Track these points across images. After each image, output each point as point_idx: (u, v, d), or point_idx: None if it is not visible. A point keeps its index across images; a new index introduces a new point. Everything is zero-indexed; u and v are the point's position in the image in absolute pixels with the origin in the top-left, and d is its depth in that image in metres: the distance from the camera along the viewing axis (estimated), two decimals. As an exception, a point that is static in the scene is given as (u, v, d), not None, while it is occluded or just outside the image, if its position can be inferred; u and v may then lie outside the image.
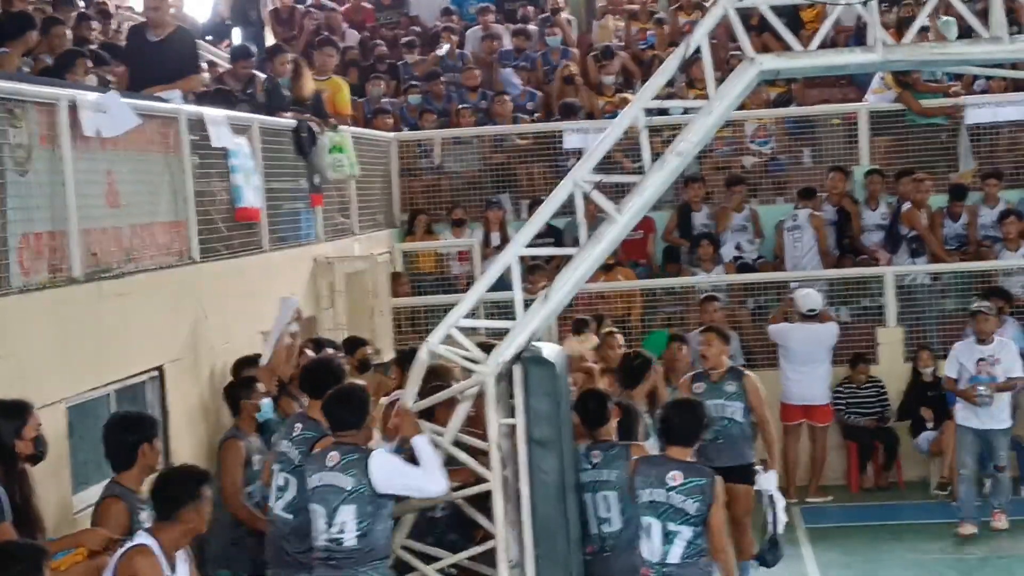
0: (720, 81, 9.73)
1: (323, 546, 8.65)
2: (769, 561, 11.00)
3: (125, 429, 8.17)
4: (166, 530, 7.27)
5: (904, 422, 15.90)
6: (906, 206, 17.07)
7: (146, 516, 7.98)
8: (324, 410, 9.05)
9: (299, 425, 9.46)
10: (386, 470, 8.60)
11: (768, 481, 10.78)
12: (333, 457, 8.66)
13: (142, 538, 7.27)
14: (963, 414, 14.13)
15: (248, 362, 10.70)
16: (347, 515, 8.56)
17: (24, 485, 7.38)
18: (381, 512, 8.62)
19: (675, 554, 8.71)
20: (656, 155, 9.69)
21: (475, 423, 9.77)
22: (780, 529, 10.87)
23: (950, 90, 18.21)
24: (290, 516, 9.26)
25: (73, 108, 9.07)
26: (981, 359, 14.02)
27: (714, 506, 8.71)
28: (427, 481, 8.80)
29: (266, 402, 10.18)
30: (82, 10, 16.15)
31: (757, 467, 11.30)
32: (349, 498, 8.55)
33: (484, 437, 9.51)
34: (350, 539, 8.56)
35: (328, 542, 8.62)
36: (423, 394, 9.58)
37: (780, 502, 10.81)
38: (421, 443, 8.88)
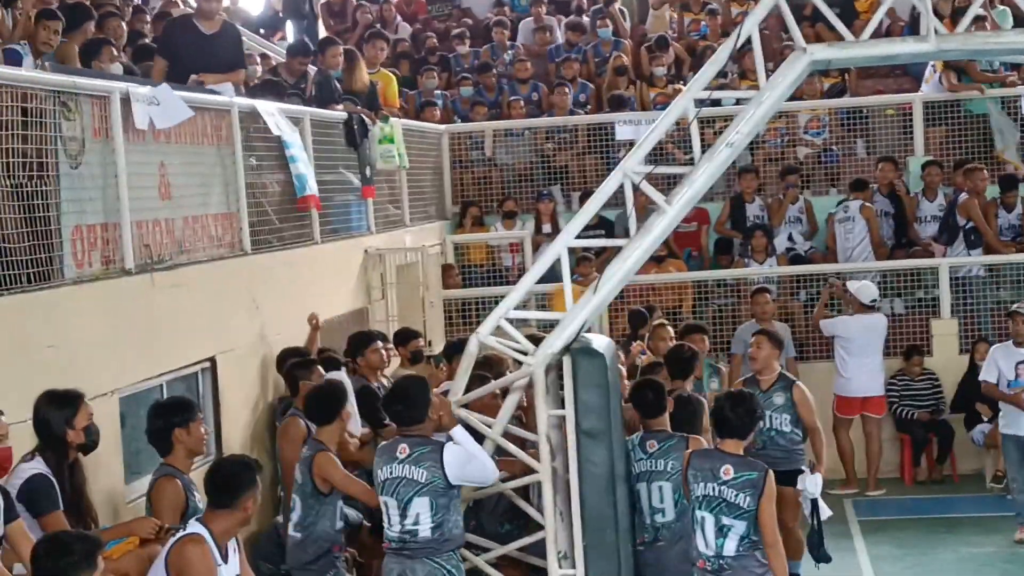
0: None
1: (396, 536, 8.70)
2: (823, 556, 10.95)
3: (159, 416, 8.26)
4: (220, 519, 7.31)
5: (959, 414, 15.77)
6: (963, 197, 16.92)
7: (200, 497, 8.08)
8: (385, 409, 9.09)
9: (305, 448, 9.36)
10: (460, 461, 8.65)
11: (812, 483, 10.67)
12: (403, 449, 8.68)
13: (194, 527, 7.33)
14: (1006, 421, 13.37)
15: (294, 353, 10.72)
16: (421, 507, 8.60)
17: (76, 474, 7.46)
18: (453, 502, 8.69)
19: (730, 547, 8.67)
20: (708, 146, 9.67)
21: (524, 414, 9.78)
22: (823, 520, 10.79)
23: (1007, 80, 18.05)
24: (298, 535, 9.16)
25: (126, 101, 9.14)
26: (1021, 362, 13.31)
27: (764, 500, 8.67)
28: (486, 469, 8.85)
29: None
30: (137, 3, 16.29)
31: (803, 468, 11.20)
32: (423, 490, 8.59)
33: (531, 428, 9.53)
34: (425, 530, 8.61)
35: (402, 533, 8.66)
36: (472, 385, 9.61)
37: (823, 505, 10.73)
38: (461, 433, 8.89)
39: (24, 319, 7.77)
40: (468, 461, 8.70)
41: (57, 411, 7.37)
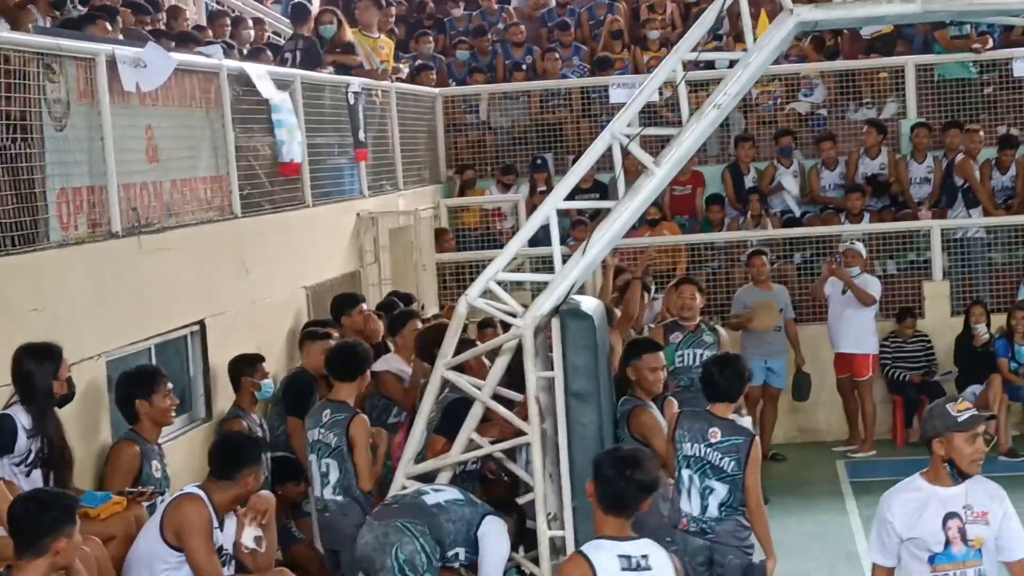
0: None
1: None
2: None
3: (121, 386, 8.42)
4: (219, 489, 7.41)
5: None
6: (959, 157, 16.88)
7: (157, 466, 8.19)
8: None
9: (327, 411, 9.54)
10: None
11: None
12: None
13: (192, 489, 7.40)
14: None
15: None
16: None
17: (59, 426, 7.50)
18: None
19: (712, 508, 8.77)
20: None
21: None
22: None
23: (976, 43, 17.93)
24: (340, 498, 9.41)
25: (112, 63, 9.11)
26: (951, 514, 7.06)
27: (749, 465, 8.72)
28: None
29: (267, 382, 10.12)
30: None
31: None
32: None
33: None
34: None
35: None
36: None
37: None
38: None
39: (9, 282, 7.76)
40: None
41: (42, 364, 7.43)
